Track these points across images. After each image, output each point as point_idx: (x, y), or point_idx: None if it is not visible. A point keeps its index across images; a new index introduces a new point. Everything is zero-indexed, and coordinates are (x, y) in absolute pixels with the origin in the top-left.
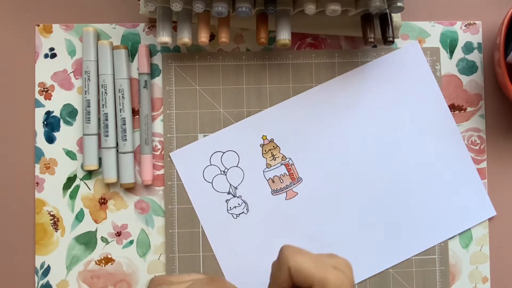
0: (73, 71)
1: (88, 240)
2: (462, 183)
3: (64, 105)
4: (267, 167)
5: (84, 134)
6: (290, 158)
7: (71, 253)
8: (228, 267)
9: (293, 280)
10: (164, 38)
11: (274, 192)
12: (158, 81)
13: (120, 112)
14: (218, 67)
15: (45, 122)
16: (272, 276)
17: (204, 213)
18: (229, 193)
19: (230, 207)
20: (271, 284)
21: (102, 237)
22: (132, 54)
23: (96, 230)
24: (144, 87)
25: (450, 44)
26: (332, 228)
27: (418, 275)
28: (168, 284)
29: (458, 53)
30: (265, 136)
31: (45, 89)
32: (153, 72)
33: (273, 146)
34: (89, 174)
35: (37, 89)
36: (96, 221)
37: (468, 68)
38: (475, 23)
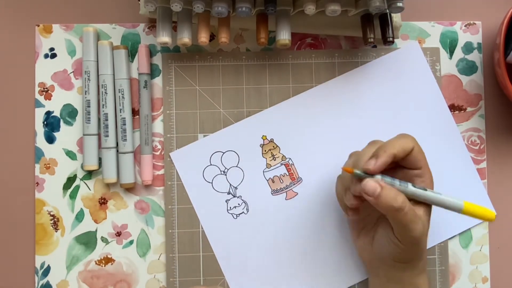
0: (73, 71)
1: (88, 240)
2: (462, 183)
3: (64, 105)
4: (267, 167)
5: (84, 134)
6: (290, 158)
7: (71, 253)
8: (228, 267)
9: (408, 157)
10: (164, 38)
11: (274, 192)
12: (158, 81)
13: (120, 112)
14: (218, 67)
15: (45, 122)
16: (390, 146)
17: (204, 213)
18: (229, 193)
19: (230, 207)
20: (385, 150)
21: (102, 237)
22: (132, 54)
23: (96, 230)
24: (144, 87)
25: (450, 44)
26: (332, 228)
27: None
28: None
29: (458, 53)
30: (265, 136)
31: (45, 89)
32: (153, 72)
33: (273, 146)
34: (89, 174)
35: (37, 89)
36: (96, 221)
37: (468, 68)
38: (475, 23)
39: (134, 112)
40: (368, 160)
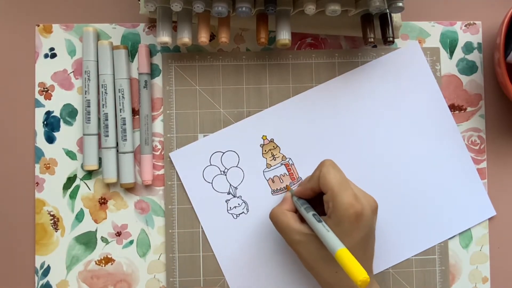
0: (73, 71)
1: (88, 240)
2: (462, 183)
3: (64, 105)
4: (267, 167)
5: (84, 134)
6: (290, 158)
7: (71, 253)
8: (228, 267)
9: (319, 185)
10: (164, 38)
11: (274, 192)
12: (158, 81)
13: (120, 112)
14: (218, 67)
15: (45, 122)
16: (308, 177)
17: (204, 213)
18: (229, 193)
19: (230, 207)
20: (305, 181)
21: (102, 237)
22: (132, 54)
23: (96, 230)
24: (144, 87)
25: (450, 44)
26: None
27: (418, 275)
28: None
29: (458, 53)
30: (265, 136)
31: (45, 89)
32: (153, 72)
33: (273, 146)
34: (89, 174)
35: (37, 89)
36: (96, 221)
37: (468, 68)
38: (475, 23)
39: (134, 112)
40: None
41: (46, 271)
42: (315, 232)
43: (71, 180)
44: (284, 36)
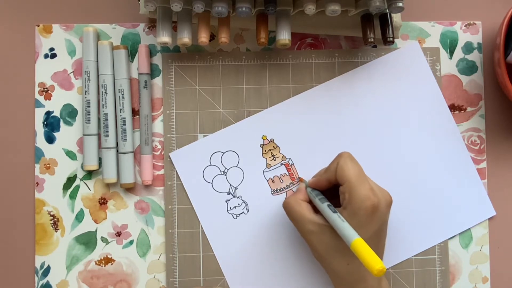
0: (73, 71)
1: (88, 240)
2: (462, 183)
3: (64, 105)
4: (267, 167)
5: (84, 134)
6: (290, 158)
7: (71, 253)
8: (228, 267)
9: (336, 176)
10: (164, 38)
11: (274, 192)
12: (158, 81)
13: (120, 112)
14: (218, 67)
15: (45, 122)
16: (325, 168)
17: (204, 213)
18: (229, 193)
19: (230, 207)
20: (319, 174)
21: (102, 237)
22: (132, 54)
23: (96, 230)
24: (144, 87)
25: (450, 44)
26: None
27: (418, 275)
28: None
29: (458, 53)
30: (265, 136)
31: (45, 89)
32: (153, 72)
33: (273, 146)
34: (89, 174)
35: (37, 89)
36: (96, 221)
37: (468, 68)
38: (475, 23)
39: (134, 112)
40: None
41: (46, 271)
42: (330, 222)
43: (71, 180)
44: (284, 36)
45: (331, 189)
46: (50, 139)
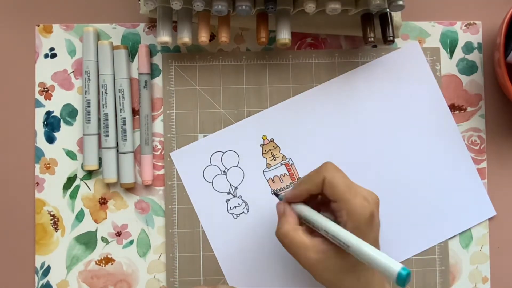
0: (73, 71)
1: (88, 240)
2: (462, 183)
3: (64, 105)
4: (267, 167)
5: (84, 134)
6: (290, 158)
7: (71, 253)
8: (228, 267)
9: (323, 190)
10: (164, 37)
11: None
12: (158, 81)
13: (120, 112)
14: (218, 67)
15: (45, 122)
16: (304, 179)
17: (204, 213)
18: (229, 193)
19: (230, 207)
20: (300, 183)
21: (102, 237)
22: (132, 54)
23: (96, 230)
24: (144, 87)
25: (450, 44)
26: None
27: (418, 275)
28: None
29: (458, 53)
30: (265, 136)
31: (45, 89)
32: (153, 72)
33: (273, 146)
34: (89, 174)
35: (37, 89)
36: (96, 221)
37: (468, 68)
38: (475, 23)
39: (134, 112)
40: (289, 190)
41: (46, 271)
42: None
43: (71, 180)
44: (284, 36)
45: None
46: (50, 139)
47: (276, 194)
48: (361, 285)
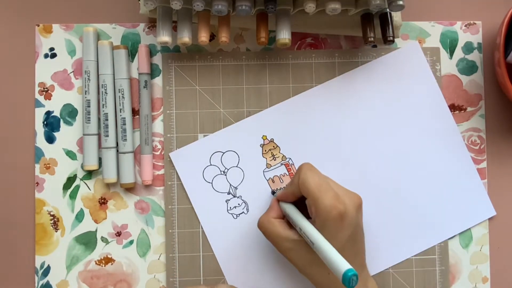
0: (73, 71)
1: (88, 240)
2: (462, 183)
3: (64, 105)
4: (267, 167)
5: (84, 134)
6: (290, 158)
7: (71, 253)
8: (228, 267)
9: (299, 190)
10: (164, 37)
11: (274, 192)
12: (158, 81)
13: (120, 112)
14: (218, 67)
15: (45, 122)
16: (290, 182)
17: (204, 213)
18: (229, 193)
19: (230, 207)
20: (287, 185)
21: (102, 237)
22: (132, 54)
23: (96, 230)
24: (144, 87)
25: (450, 44)
26: None
27: (418, 275)
28: None
29: (458, 53)
30: (265, 136)
31: (45, 89)
32: (153, 72)
33: (273, 146)
34: (89, 174)
35: (37, 89)
36: (96, 221)
37: (468, 68)
38: (475, 23)
39: (134, 112)
40: (281, 190)
41: (46, 271)
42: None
43: (71, 180)
44: (284, 36)
45: (302, 199)
46: (50, 139)
47: (273, 192)
48: (331, 281)
